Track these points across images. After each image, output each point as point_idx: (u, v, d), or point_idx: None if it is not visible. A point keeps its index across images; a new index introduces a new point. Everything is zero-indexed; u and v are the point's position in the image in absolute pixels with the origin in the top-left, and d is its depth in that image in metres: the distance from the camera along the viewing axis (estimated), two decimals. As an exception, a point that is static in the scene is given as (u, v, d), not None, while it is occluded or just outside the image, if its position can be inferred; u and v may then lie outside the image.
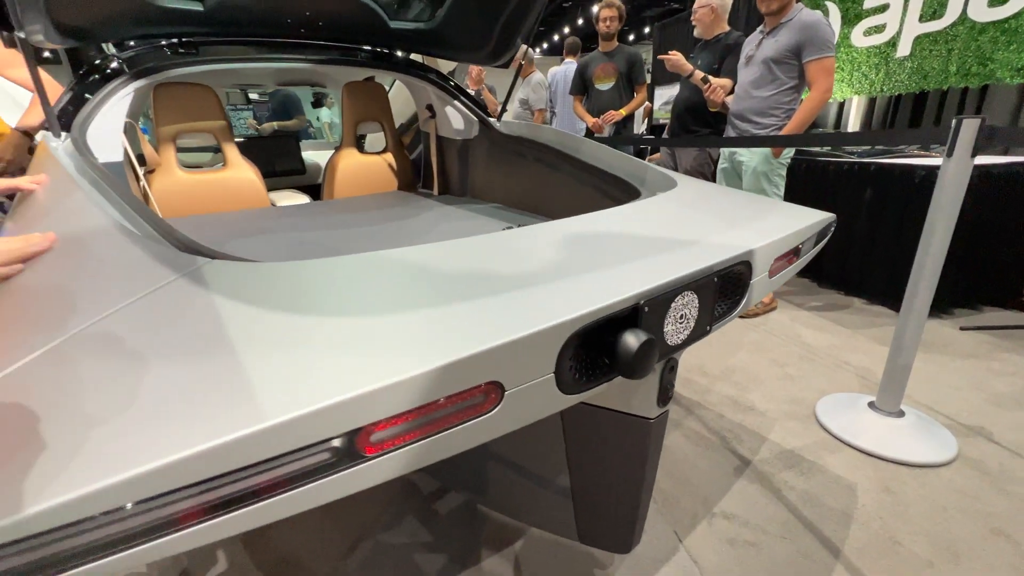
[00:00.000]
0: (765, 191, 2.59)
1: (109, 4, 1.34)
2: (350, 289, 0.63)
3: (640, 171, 1.47)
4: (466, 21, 1.92)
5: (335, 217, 2.04)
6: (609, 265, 0.71)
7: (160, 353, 0.48)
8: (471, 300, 0.59)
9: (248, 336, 0.51)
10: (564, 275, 0.67)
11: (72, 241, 0.73)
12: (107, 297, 0.57)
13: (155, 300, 0.56)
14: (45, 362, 0.47)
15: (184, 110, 1.99)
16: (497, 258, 0.74)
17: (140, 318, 0.53)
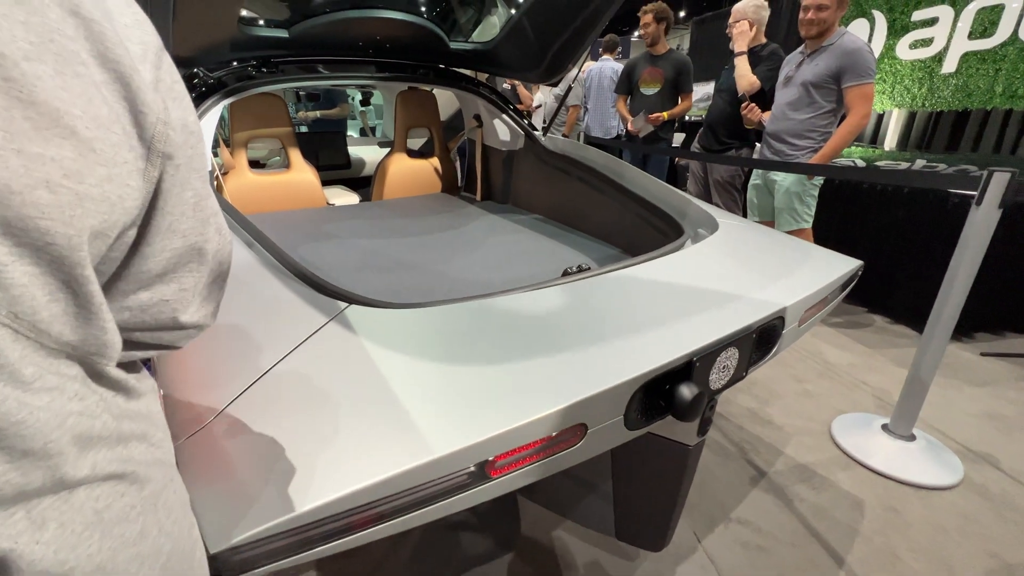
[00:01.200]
0: (796, 210, 2.66)
1: (215, 37, 1.51)
2: (468, 337, 0.78)
3: (682, 205, 1.59)
4: (522, 44, 2.03)
5: (388, 221, 2.21)
6: (667, 320, 0.86)
7: (340, 394, 0.65)
8: (563, 352, 0.75)
9: (399, 379, 0.67)
10: (631, 329, 0.82)
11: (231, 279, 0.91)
12: (279, 339, 0.74)
13: (318, 344, 0.73)
14: (256, 396, 0.65)
15: (256, 118, 2.17)
16: (576, 309, 0.89)
17: (312, 361, 0.70)
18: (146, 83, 0.33)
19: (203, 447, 0.58)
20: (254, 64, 1.84)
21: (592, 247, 1.86)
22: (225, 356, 0.72)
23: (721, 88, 3.14)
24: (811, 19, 2.42)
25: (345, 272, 1.56)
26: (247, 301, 0.84)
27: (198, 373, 0.70)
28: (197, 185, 0.37)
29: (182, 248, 0.37)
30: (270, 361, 0.68)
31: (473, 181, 2.75)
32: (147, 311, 0.37)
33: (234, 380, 0.66)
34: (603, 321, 0.85)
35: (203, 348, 0.75)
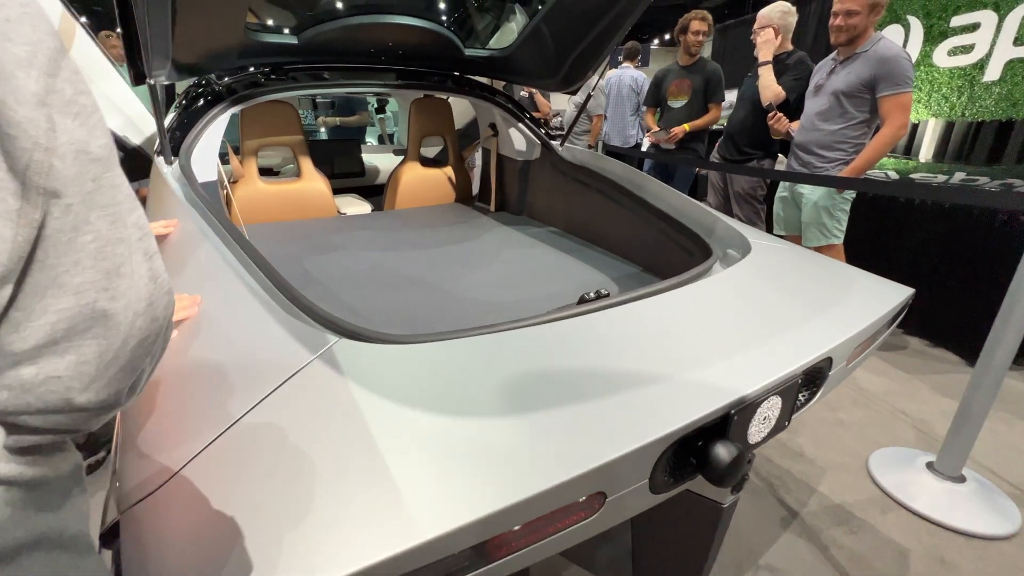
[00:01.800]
0: (826, 225, 2.51)
1: (220, 43, 1.45)
2: (470, 383, 0.69)
3: (709, 221, 1.48)
4: (539, 51, 1.95)
5: (398, 233, 2.14)
6: (698, 362, 0.75)
7: (316, 453, 0.56)
8: (579, 403, 0.65)
9: (388, 436, 0.58)
10: (657, 373, 0.72)
11: (211, 306, 0.83)
12: (252, 381, 0.65)
13: (297, 388, 0.64)
14: (217, 455, 0.56)
15: (267, 126, 2.12)
16: (594, 346, 0.79)
17: (287, 410, 0.61)
18: (24, 95, 0.24)
19: (151, 517, 0.50)
20: (264, 71, 1.79)
21: (610, 265, 1.75)
22: (190, 401, 0.63)
23: (743, 96, 3.02)
24: (840, 25, 2.29)
25: (348, 288, 1.49)
26: (222, 330, 0.76)
27: (159, 421, 0.62)
28: (101, 227, 0.28)
29: (75, 309, 0.28)
30: (239, 410, 0.60)
31: (487, 191, 2.67)
32: (31, 391, 0.28)
33: (196, 434, 0.57)
34: (624, 362, 0.74)
35: (167, 390, 0.66)
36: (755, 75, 2.99)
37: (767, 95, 2.72)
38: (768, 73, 2.75)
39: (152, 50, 1.19)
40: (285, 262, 1.71)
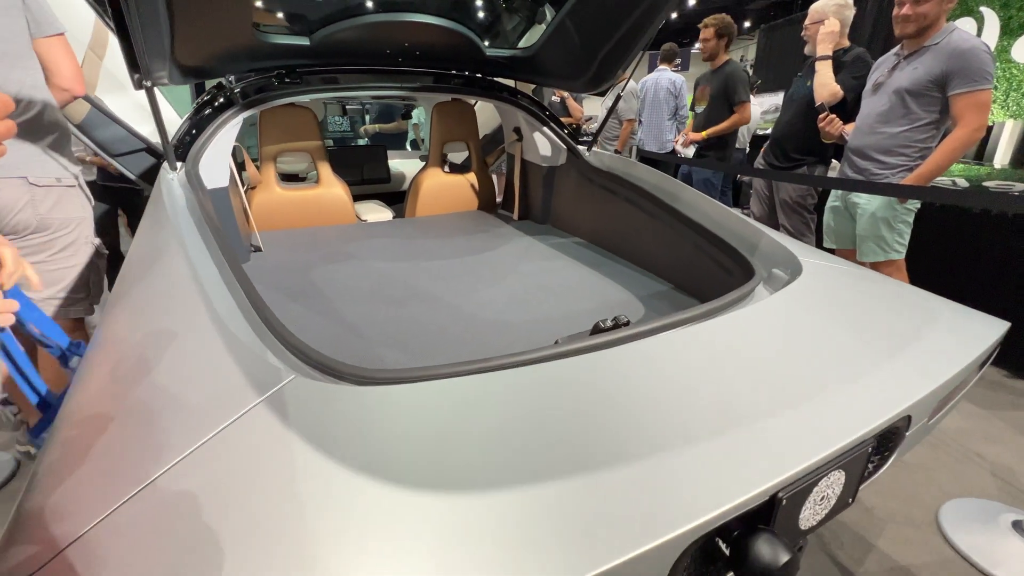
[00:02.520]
0: (885, 238, 2.25)
1: (225, 44, 1.40)
2: (446, 443, 0.55)
3: (752, 236, 1.30)
4: (565, 50, 1.82)
5: (414, 242, 2.04)
6: (736, 424, 0.59)
7: (237, 534, 0.44)
8: (581, 476, 0.50)
9: (327, 519, 0.46)
10: (681, 437, 0.57)
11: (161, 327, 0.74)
12: (186, 427, 0.54)
13: (233, 440, 0.53)
14: (120, 524, 0.45)
15: (286, 131, 2.08)
16: (605, 393, 0.64)
17: (218, 466, 0.50)
18: None
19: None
20: (276, 74, 1.74)
21: (637, 282, 1.59)
22: (103, 453, 0.53)
23: (791, 98, 2.78)
24: (906, 14, 2.04)
25: (349, 303, 1.39)
26: (163, 359, 0.66)
27: (69, 475, 0.52)
28: None
29: None
30: (153, 469, 0.49)
31: (511, 198, 2.56)
32: None
33: (98, 498, 0.47)
34: (639, 418, 0.60)
35: (86, 436, 0.57)
36: (805, 75, 2.75)
37: (823, 93, 2.48)
38: (826, 69, 2.50)
39: (148, 53, 1.13)
40: (290, 272, 1.64)
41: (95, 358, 0.73)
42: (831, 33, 2.51)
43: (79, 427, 0.59)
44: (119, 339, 0.76)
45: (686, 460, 0.53)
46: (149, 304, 0.82)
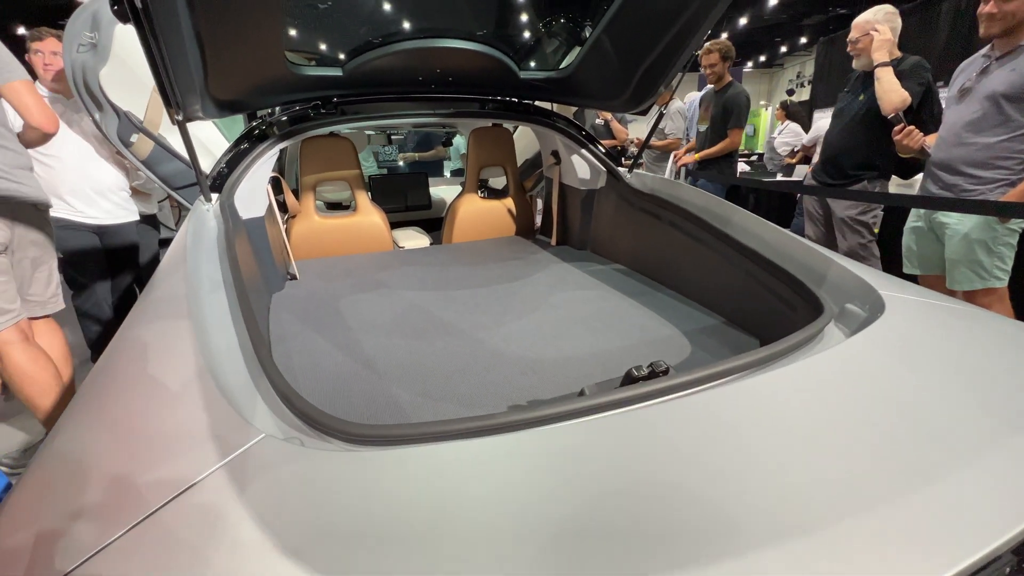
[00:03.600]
0: (982, 263, 1.95)
1: (258, 78, 1.42)
2: (438, 528, 0.44)
3: (818, 264, 1.12)
4: (602, 68, 1.73)
5: (447, 270, 1.99)
6: (810, 527, 0.44)
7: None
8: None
9: None
10: (737, 539, 0.42)
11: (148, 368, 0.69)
12: (131, 497, 0.47)
13: (179, 517, 0.45)
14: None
15: (325, 160, 2.11)
16: (634, 468, 0.51)
17: (156, 552, 0.42)
18: None
19: None
20: (313, 105, 1.76)
21: (682, 314, 1.43)
22: (46, 527, 0.46)
23: (841, 113, 2.58)
24: (991, 12, 1.81)
25: (372, 335, 1.33)
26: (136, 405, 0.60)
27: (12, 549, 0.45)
28: None
29: None
30: (80, 552, 0.41)
31: (550, 222, 2.47)
32: None
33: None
34: (676, 510, 0.46)
35: (42, 496, 0.50)
36: (852, 89, 2.54)
37: (893, 99, 2.24)
38: (889, 75, 2.28)
39: (180, 88, 1.15)
40: (320, 301, 1.62)
41: (87, 393, 0.69)
42: (887, 40, 2.31)
43: (41, 482, 0.53)
44: (109, 378, 0.71)
45: (747, 564, 0.39)
46: (146, 342, 0.78)
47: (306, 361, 1.15)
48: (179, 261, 1.06)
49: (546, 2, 1.70)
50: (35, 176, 1.74)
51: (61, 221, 2.34)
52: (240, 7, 1.07)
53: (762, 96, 18.55)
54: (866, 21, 2.40)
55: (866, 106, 2.41)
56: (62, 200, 2.33)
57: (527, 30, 1.77)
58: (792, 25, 13.75)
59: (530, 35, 1.79)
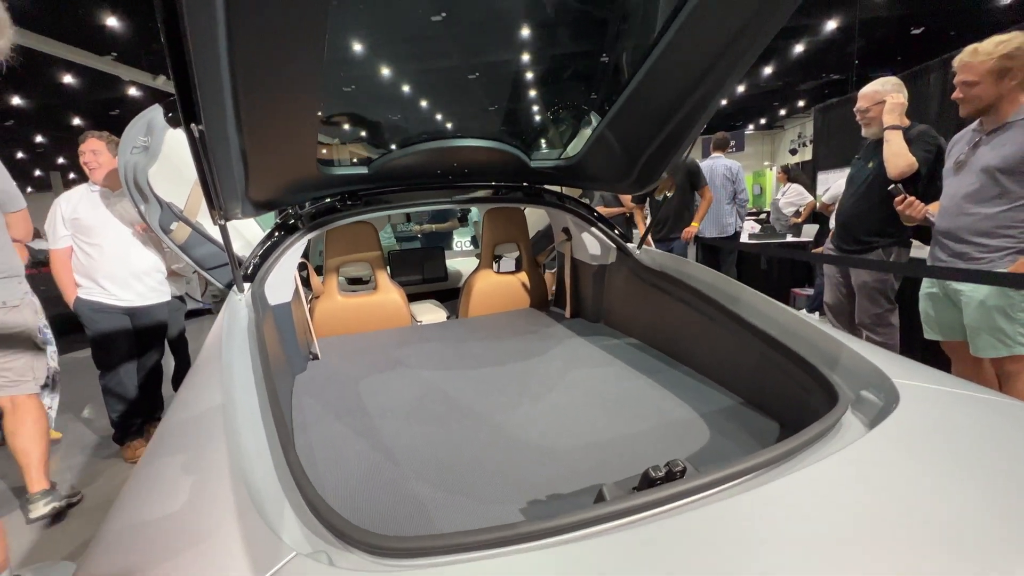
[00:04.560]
0: (1003, 330, 1.92)
1: (292, 181, 1.56)
2: None
3: (830, 347, 1.14)
4: (606, 157, 1.86)
5: (465, 346, 2.03)
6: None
7: None
8: None
9: None
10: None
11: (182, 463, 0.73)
12: None
13: None
14: None
15: (348, 245, 2.24)
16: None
17: None
18: None
19: None
20: (340, 198, 1.90)
21: (698, 393, 1.43)
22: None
23: (854, 179, 2.65)
24: (959, 97, 1.94)
25: (391, 420, 1.36)
26: (169, 514, 0.63)
27: None
28: None
29: None
30: None
31: (563, 296, 2.53)
32: None
33: None
34: None
35: None
36: (863, 156, 2.63)
37: (900, 164, 2.31)
38: (899, 138, 2.36)
39: (224, 195, 1.27)
40: (340, 384, 1.66)
41: (129, 498, 0.73)
42: (899, 104, 2.41)
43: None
44: (148, 483, 0.75)
45: None
46: (184, 445, 0.82)
47: (329, 453, 1.18)
48: (215, 357, 1.13)
49: (553, 101, 1.87)
50: None
51: (95, 304, 2.48)
52: (283, 128, 1.21)
53: (765, 156, 19.14)
54: (875, 91, 2.50)
55: (875, 173, 2.47)
56: (97, 284, 2.49)
57: (536, 126, 1.93)
58: (789, 90, 14.46)
59: (539, 130, 1.95)
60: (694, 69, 1.35)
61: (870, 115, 2.53)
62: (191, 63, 0.89)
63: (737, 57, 1.25)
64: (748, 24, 1.16)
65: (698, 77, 1.37)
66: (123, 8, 6.66)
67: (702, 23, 1.18)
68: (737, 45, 1.22)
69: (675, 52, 1.28)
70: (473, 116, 1.73)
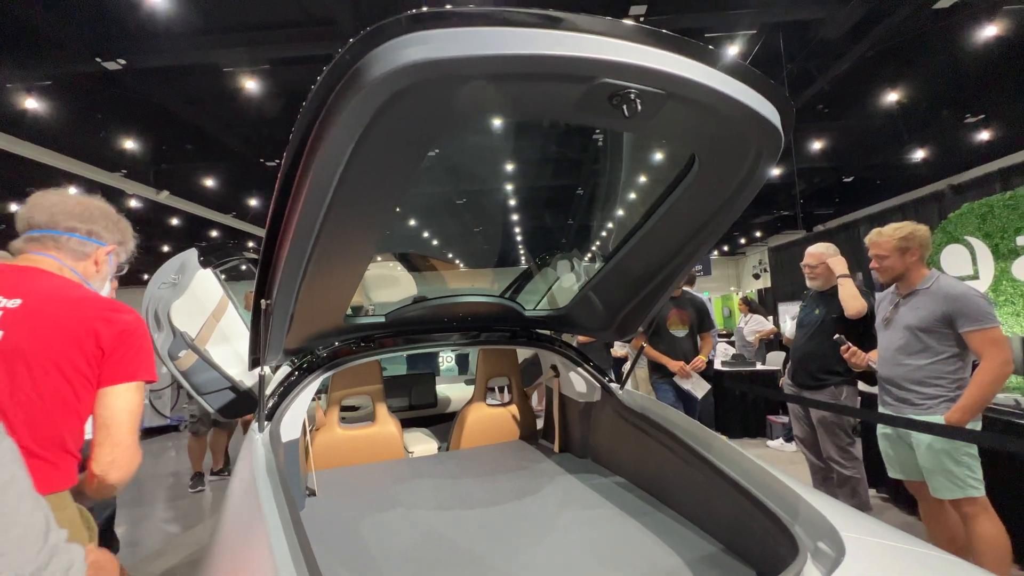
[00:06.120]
0: (953, 472, 2.10)
1: (323, 332, 1.79)
2: None
3: (791, 500, 1.31)
4: (591, 311, 2.16)
5: (460, 483, 2.10)
6: None
7: None
8: None
9: None
10: None
11: None
12: None
13: None
14: None
15: (354, 380, 2.40)
16: None
17: None
18: None
19: None
20: (356, 341, 2.12)
21: (682, 539, 1.54)
22: None
23: (803, 323, 3.02)
24: (876, 268, 2.36)
25: (391, 568, 1.42)
26: None
27: None
28: None
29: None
30: None
31: (551, 429, 2.66)
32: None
33: None
34: None
35: None
36: (808, 304, 3.02)
37: (856, 305, 2.68)
38: (851, 284, 2.77)
39: (269, 349, 1.48)
40: (338, 526, 1.71)
41: None
42: (843, 261, 2.87)
43: None
44: None
45: None
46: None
47: None
48: (242, 490, 1.24)
49: (547, 264, 2.23)
50: None
51: None
52: (332, 294, 1.47)
53: (731, 280, 20.54)
54: (820, 252, 2.96)
55: (822, 318, 2.84)
56: None
57: (532, 285, 2.27)
58: (746, 222, 16.16)
59: (534, 288, 2.29)
60: (671, 245, 1.68)
61: (818, 271, 2.97)
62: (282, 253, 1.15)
63: (708, 236, 1.58)
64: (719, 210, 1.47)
65: (674, 250, 1.71)
66: (137, 129, 7.40)
67: (681, 210, 1.49)
68: (708, 227, 1.55)
69: (656, 233, 1.62)
70: (480, 278, 2.05)
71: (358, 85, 0.81)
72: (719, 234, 1.60)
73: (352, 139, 0.90)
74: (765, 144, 1.17)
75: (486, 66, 0.81)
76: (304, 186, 1.00)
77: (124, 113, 6.79)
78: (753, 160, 1.22)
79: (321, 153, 0.91)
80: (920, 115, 7.16)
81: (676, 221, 1.55)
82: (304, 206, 1.04)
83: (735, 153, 1.21)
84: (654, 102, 0.95)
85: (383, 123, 0.88)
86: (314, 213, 1.06)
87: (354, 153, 0.93)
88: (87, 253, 1.17)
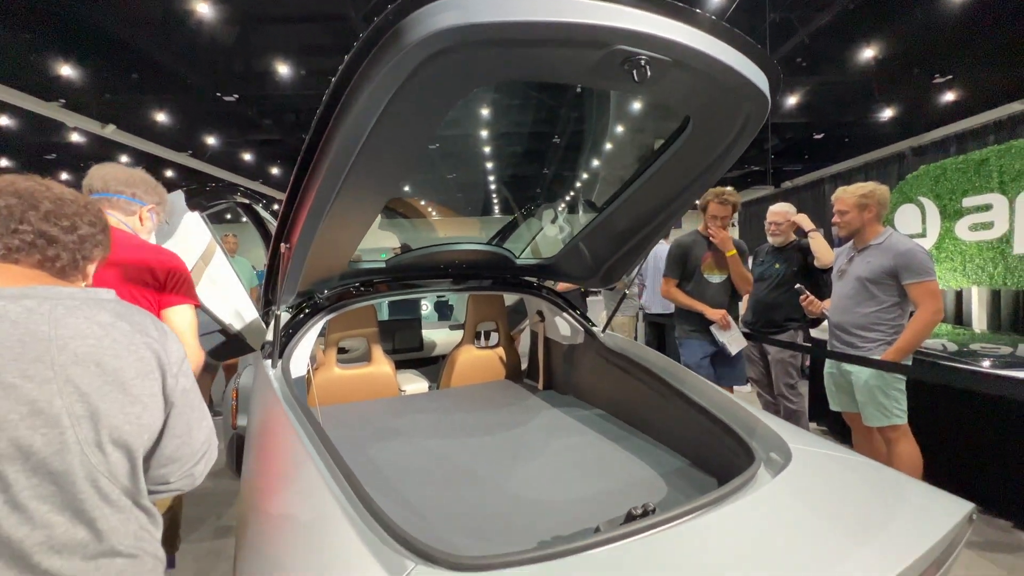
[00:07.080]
0: (883, 404, 2.45)
1: (332, 275, 1.88)
2: None
3: (750, 422, 1.55)
4: (579, 260, 2.31)
5: (454, 416, 2.30)
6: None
7: None
8: None
9: None
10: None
11: (288, 506, 0.99)
12: None
13: None
14: None
15: (351, 322, 2.51)
16: None
17: None
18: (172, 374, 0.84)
19: None
20: (355, 286, 2.22)
21: (658, 458, 1.79)
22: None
23: (764, 276, 3.25)
24: (837, 222, 2.59)
25: (411, 485, 1.61)
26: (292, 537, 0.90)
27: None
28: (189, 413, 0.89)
29: None
30: None
31: (535, 369, 2.87)
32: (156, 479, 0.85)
33: None
34: None
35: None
36: (770, 259, 3.26)
37: (828, 254, 2.98)
38: (820, 238, 3.06)
39: (284, 290, 1.58)
40: (349, 451, 1.88)
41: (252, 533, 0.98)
42: (804, 217, 3.13)
43: None
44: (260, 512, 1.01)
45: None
46: (282, 487, 1.08)
47: None
48: (271, 412, 1.39)
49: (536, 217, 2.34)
50: None
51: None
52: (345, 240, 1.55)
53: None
54: (784, 211, 3.20)
55: (783, 272, 3.12)
56: None
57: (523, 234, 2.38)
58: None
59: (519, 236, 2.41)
60: (659, 200, 1.82)
61: (783, 228, 3.21)
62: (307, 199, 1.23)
63: (694, 192, 1.73)
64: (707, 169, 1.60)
65: (662, 206, 1.85)
66: (77, 56, 6.72)
67: (672, 167, 1.62)
68: (696, 183, 1.69)
69: (646, 188, 1.75)
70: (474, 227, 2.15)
71: (399, 45, 0.88)
72: (704, 190, 1.75)
73: (388, 93, 0.97)
74: (754, 109, 1.29)
75: (518, 31, 0.88)
76: (335, 137, 1.07)
77: (60, 35, 6.14)
78: (742, 123, 1.35)
79: (359, 106, 0.98)
80: (893, 72, 7.31)
81: (666, 178, 1.68)
82: (335, 156, 1.11)
83: (727, 117, 1.33)
84: (661, 68, 1.05)
85: (417, 80, 0.96)
86: (343, 162, 1.14)
87: (388, 105, 1.00)
88: (133, 211, 1.50)
